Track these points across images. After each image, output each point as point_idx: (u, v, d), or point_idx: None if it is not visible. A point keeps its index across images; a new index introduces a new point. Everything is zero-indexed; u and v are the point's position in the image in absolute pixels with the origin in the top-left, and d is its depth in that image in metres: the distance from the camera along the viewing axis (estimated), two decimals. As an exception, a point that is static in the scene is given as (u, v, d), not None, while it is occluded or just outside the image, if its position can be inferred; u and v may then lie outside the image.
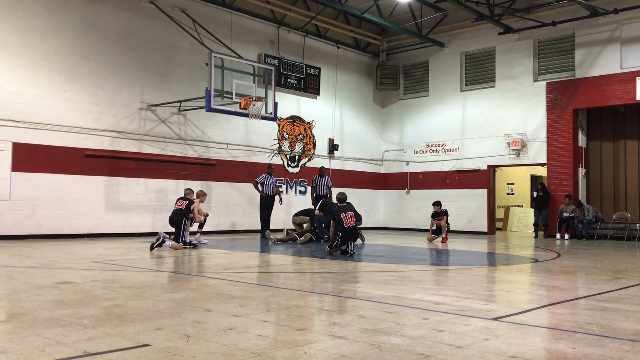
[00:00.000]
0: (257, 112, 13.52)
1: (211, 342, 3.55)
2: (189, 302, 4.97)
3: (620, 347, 3.57)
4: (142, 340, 3.58)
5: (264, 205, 14.43)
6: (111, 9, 14.04)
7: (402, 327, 4.06)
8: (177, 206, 11.17)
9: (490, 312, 4.72)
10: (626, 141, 16.83)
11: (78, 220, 13.29)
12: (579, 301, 5.46)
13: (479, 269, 8.52)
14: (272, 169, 14.74)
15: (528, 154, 17.62)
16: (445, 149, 19.45)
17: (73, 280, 6.27)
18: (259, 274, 7.58)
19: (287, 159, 18.10)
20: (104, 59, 13.85)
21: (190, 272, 7.59)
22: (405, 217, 20.42)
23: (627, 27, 15.90)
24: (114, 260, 8.56)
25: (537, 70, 17.68)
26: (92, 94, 13.62)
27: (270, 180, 14.42)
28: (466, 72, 19.34)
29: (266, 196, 14.33)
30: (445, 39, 19.41)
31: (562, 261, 9.56)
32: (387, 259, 9.90)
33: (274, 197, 14.51)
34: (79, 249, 10.32)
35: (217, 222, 15.70)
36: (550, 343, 3.75)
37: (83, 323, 4.07)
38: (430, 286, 6.44)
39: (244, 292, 5.69)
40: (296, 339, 3.71)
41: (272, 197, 14.44)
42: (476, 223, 18.56)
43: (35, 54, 12.75)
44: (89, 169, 13.47)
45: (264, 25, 17.39)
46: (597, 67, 16.36)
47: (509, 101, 18.03)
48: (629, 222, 16.05)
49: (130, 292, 5.53)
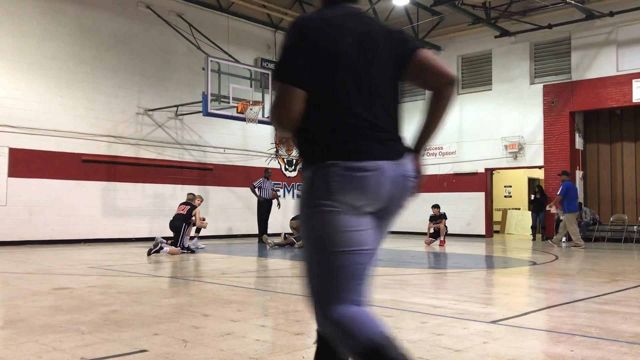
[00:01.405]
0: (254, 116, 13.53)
1: (209, 348, 3.54)
2: (187, 307, 4.95)
3: (618, 350, 3.57)
4: (139, 345, 3.56)
5: (261, 210, 14.42)
6: (108, 14, 14.04)
7: (401, 331, 4.05)
8: (178, 211, 11.19)
9: (489, 315, 4.71)
10: (623, 143, 16.86)
11: (75, 226, 13.26)
12: (577, 304, 5.46)
13: (477, 272, 8.51)
14: (270, 173, 14.74)
15: (525, 156, 17.64)
16: (442, 152, 19.46)
17: (70, 286, 6.25)
18: (256, 279, 7.57)
19: (284, 162, 18.09)
20: (101, 64, 13.84)
21: (187, 277, 7.57)
22: (403, 220, 20.27)
23: (622, 30, 15.95)
24: (111, 265, 8.54)
25: (533, 73, 17.71)
26: (89, 99, 13.61)
27: (267, 184, 14.41)
28: (463, 76, 19.37)
29: (264, 200, 14.32)
30: (441, 43, 19.44)
31: (560, 264, 9.56)
32: (384, 262, 9.89)
33: (272, 201, 14.50)
34: (76, 255, 10.29)
35: (214, 227, 15.66)
36: (548, 346, 3.75)
37: (80, 329, 4.05)
38: (429, 290, 6.43)
39: (242, 296, 5.68)
40: (294, 343, 3.70)
41: (269, 202, 14.43)
42: (474, 226, 18.56)
43: (31, 59, 12.74)
44: (85, 174, 13.45)
45: (260, 29, 17.41)
46: (593, 69, 16.40)
47: (506, 104, 18.06)
48: (627, 224, 16.07)
49: (127, 297, 5.51)
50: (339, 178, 1.96)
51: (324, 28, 2.04)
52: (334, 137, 2.00)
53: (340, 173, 1.96)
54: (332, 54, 2.02)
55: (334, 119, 2.02)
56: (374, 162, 1.99)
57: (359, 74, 2.05)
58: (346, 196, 1.97)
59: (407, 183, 2.11)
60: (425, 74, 2.18)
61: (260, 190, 14.33)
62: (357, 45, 2.06)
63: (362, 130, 2.02)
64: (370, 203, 2.02)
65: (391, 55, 2.13)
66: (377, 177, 1.99)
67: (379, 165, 2.00)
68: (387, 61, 2.12)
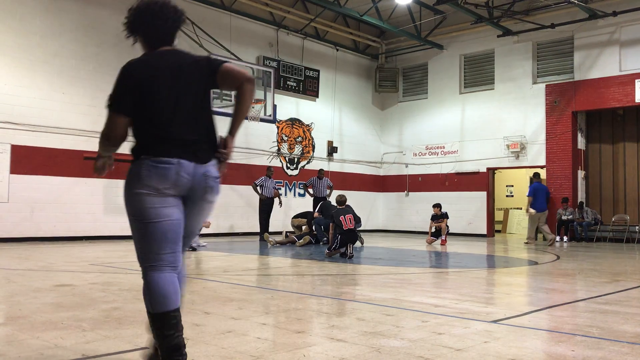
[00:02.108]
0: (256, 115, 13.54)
1: (210, 345, 3.54)
2: (188, 305, 4.96)
3: (620, 350, 3.56)
4: (140, 343, 3.57)
5: (263, 208, 14.43)
6: (110, 11, 14.04)
7: (402, 330, 4.06)
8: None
9: (490, 314, 4.71)
10: (625, 143, 16.84)
11: (77, 223, 13.28)
12: (578, 304, 5.46)
13: (479, 272, 8.51)
14: (271, 171, 14.74)
15: (527, 156, 17.62)
16: (444, 152, 19.45)
17: (71, 283, 6.26)
18: (257, 277, 7.58)
19: (286, 161, 18.09)
20: (103, 61, 13.85)
21: (188, 275, 7.57)
22: (405, 219, 20.40)
23: (626, 30, 15.92)
24: (112, 262, 8.55)
25: (536, 72, 17.69)
26: (91, 96, 13.62)
27: (269, 182, 14.42)
28: (465, 75, 19.36)
29: (265, 199, 14.33)
30: (444, 42, 19.42)
31: (561, 264, 9.56)
32: (386, 261, 9.89)
33: (273, 199, 14.51)
34: (77, 252, 10.30)
35: (216, 225, 15.66)
36: (549, 346, 3.75)
37: (82, 326, 4.05)
38: (430, 289, 6.43)
39: (243, 294, 5.68)
40: (295, 341, 3.70)
41: (271, 200, 14.44)
42: (475, 225, 18.55)
43: (34, 56, 12.75)
44: (87, 171, 13.45)
45: (263, 27, 17.40)
46: (596, 69, 16.37)
47: (508, 103, 18.04)
48: (628, 225, 16.05)
49: (129, 294, 5.52)
50: (147, 168, 2.73)
51: (144, 68, 2.80)
52: (148, 143, 2.77)
53: (148, 165, 2.73)
54: (149, 86, 2.76)
55: (150, 132, 2.77)
56: (175, 159, 2.74)
57: (172, 98, 2.79)
58: (152, 181, 2.72)
59: (207, 181, 2.85)
60: (229, 79, 2.88)
61: (262, 188, 14.33)
62: (171, 75, 2.80)
63: (170, 139, 2.76)
64: (171, 187, 2.76)
65: (201, 75, 2.87)
66: (176, 169, 2.73)
67: (178, 162, 2.74)
68: (197, 82, 2.86)
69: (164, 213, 2.74)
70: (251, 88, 2.86)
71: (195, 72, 2.86)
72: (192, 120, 2.84)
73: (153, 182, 2.71)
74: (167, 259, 2.78)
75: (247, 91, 2.85)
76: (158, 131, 2.76)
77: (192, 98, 2.84)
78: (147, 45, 2.94)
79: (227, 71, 2.87)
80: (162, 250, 2.76)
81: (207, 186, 2.85)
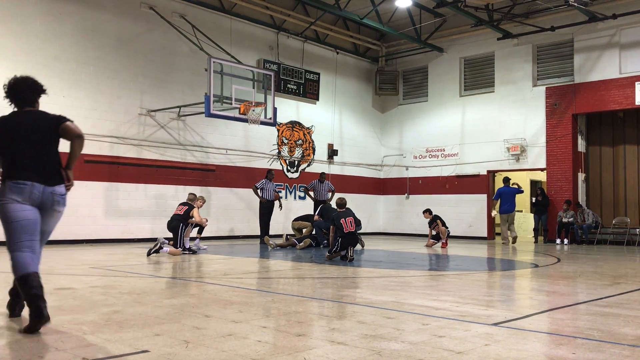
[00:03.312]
0: (256, 118, 13.53)
1: (210, 348, 3.54)
2: (188, 308, 4.96)
3: (620, 353, 3.56)
4: (141, 346, 3.57)
5: (263, 211, 14.42)
6: (111, 15, 14.07)
7: (402, 333, 4.05)
8: (176, 211, 11.14)
9: (491, 317, 4.71)
10: (625, 146, 16.84)
11: (77, 226, 13.26)
12: (579, 306, 5.45)
13: (479, 274, 8.51)
14: (272, 174, 14.73)
15: (527, 159, 17.63)
16: (444, 154, 19.46)
17: (72, 286, 6.26)
18: (258, 280, 7.57)
19: (286, 164, 18.10)
20: (104, 65, 13.87)
21: (189, 278, 7.58)
22: (405, 222, 20.39)
23: (625, 32, 15.94)
24: (113, 266, 8.54)
25: (536, 75, 17.71)
26: (92, 100, 13.63)
27: (269, 185, 14.41)
28: (465, 77, 19.37)
29: (266, 201, 14.32)
30: (444, 44, 19.44)
31: (562, 266, 9.55)
32: (386, 264, 9.88)
33: (274, 202, 14.50)
34: (78, 255, 10.30)
35: (216, 228, 15.67)
36: (550, 348, 3.74)
37: (82, 329, 4.05)
38: (430, 292, 6.43)
39: (244, 297, 5.68)
40: (296, 344, 3.70)
41: (271, 203, 14.43)
42: (476, 228, 18.54)
43: (34, 60, 12.76)
44: (88, 175, 13.46)
45: (263, 30, 17.42)
46: (596, 72, 16.39)
47: (508, 106, 18.05)
48: (629, 227, 16.05)
49: (129, 298, 5.52)
50: (9, 187, 4.09)
51: (11, 122, 4.24)
52: (11, 171, 4.13)
53: (10, 185, 4.09)
54: (11, 135, 4.16)
55: (12, 165, 4.14)
56: (29, 182, 4.10)
57: (28, 142, 4.17)
58: (13, 195, 4.08)
59: (55, 197, 4.21)
60: (65, 134, 4.25)
61: (263, 191, 14.33)
62: (29, 128, 4.20)
63: (26, 168, 4.13)
64: (27, 200, 4.10)
65: (50, 128, 4.26)
66: (30, 188, 4.10)
67: (32, 183, 4.10)
68: (47, 132, 4.24)
69: (21, 215, 4.07)
70: (79, 142, 4.23)
71: (45, 126, 4.24)
72: (44, 157, 4.20)
73: (14, 196, 4.07)
74: (26, 245, 4.08)
75: (76, 144, 4.24)
76: (17, 164, 4.12)
77: (43, 143, 4.21)
78: (16, 106, 4.35)
79: (64, 128, 4.23)
80: (21, 238, 4.07)
81: (54, 200, 4.20)
